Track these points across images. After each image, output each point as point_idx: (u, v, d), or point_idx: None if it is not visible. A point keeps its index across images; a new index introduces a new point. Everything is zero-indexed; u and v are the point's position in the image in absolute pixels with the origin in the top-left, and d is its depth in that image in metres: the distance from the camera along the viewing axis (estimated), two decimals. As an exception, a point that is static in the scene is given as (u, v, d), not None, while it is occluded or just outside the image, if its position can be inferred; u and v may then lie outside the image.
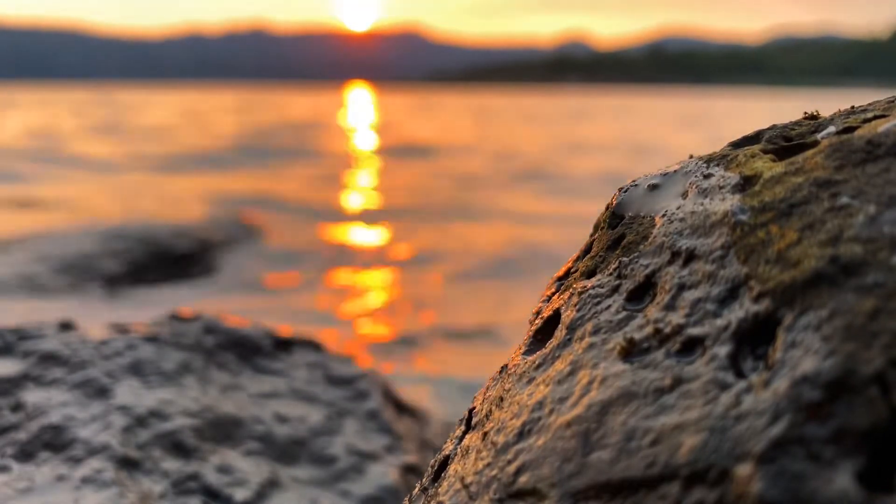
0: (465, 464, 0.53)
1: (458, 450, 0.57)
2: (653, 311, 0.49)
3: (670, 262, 0.51)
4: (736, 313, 0.44)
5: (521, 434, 0.49)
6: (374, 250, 4.62)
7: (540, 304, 0.64)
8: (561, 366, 0.52)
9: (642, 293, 0.52)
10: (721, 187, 0.54)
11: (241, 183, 7.36)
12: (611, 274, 0.56)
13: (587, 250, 0.64)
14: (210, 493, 1.02)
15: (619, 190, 0.64)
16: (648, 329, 0.48)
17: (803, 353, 0.38)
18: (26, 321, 1.29)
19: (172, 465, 1.04)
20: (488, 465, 0.50)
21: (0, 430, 1.04)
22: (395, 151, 11.44)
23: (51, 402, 1.09)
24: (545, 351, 0.55)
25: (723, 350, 0.43)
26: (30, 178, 7.18)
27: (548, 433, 0.47)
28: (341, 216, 5.77)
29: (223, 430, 1.14)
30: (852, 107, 0.60)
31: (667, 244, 0.53)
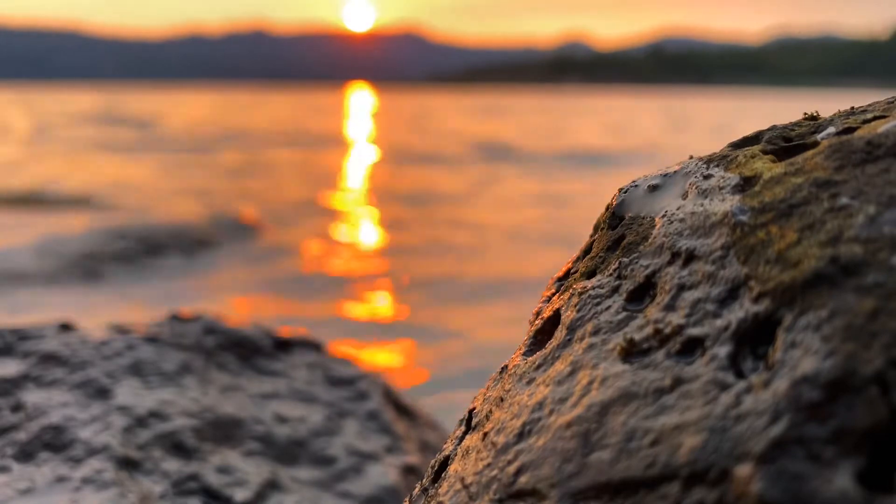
0: (465, 464, 0.53)
1: (458, 450, 0.57)
2: (653, 312, 0.49)
3: (670, 263, 0.51)
4: (736, 314, 0.44)
5: (521, 434, 0.49)
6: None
7: (540, 305, 0.64)
8: (561, 366, 0.52)
9: (642, 294, 0.52)
10: (721, 188, 0.54)
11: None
12: (611, 274, 0.56)
13: (587, 251, 0.64)
14: (210, 493, 1.02)
15: (620, 190, 0.64)
16: (648, 329, 0.48)
17: (803, 354, 0.38)
18: (26, 321, 1.29)
19: (172, 465, 1.04)
20: (488, 465, 0.50)
21: (0, 431, 1.04)
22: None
23: (51, 402, 1.09)
24: (545, 351, 0.55)
25: (723, 350, 0.43)
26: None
27: (548, 433, 0.47)
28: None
29: (223, 431, 1.14)
30: (852, 107, 0.60)
31: (667, 245, 0.53)
